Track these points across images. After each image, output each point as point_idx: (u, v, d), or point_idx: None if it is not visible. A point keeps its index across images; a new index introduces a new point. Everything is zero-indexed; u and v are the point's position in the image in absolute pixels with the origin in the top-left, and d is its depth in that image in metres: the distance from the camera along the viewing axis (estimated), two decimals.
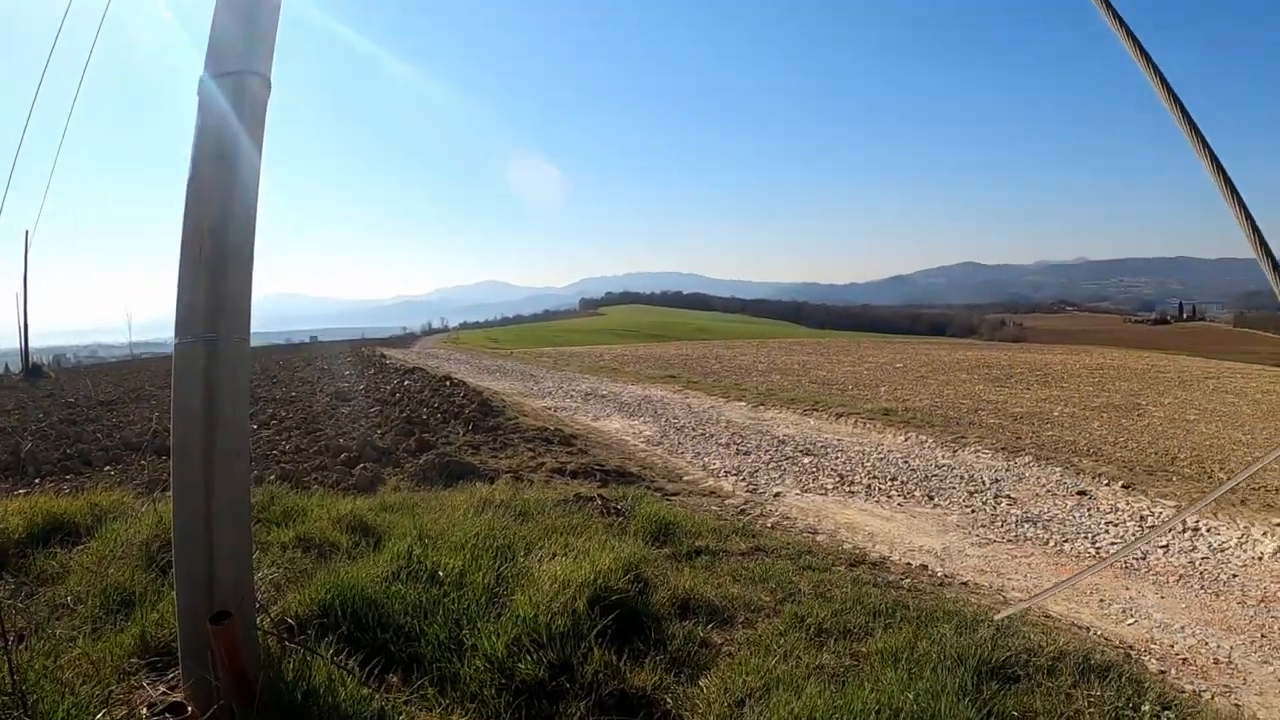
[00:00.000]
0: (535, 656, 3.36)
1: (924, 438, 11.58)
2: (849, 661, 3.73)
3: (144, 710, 2.77)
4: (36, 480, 8.74)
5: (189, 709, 2.71)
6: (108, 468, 9.51)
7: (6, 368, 40.48)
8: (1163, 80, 1.76)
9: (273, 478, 7.81)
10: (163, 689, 2.98)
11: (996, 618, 3.87)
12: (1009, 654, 3.75)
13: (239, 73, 2.83)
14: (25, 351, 32.72)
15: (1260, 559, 6.36)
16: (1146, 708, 3.44)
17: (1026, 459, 9.87)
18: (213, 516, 2.79)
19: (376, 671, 3.28)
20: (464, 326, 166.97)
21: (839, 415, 13.85)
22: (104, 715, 2.79)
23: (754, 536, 6.30)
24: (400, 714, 2.97)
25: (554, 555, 4.63)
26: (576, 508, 6.53)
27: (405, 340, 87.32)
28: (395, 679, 3.30)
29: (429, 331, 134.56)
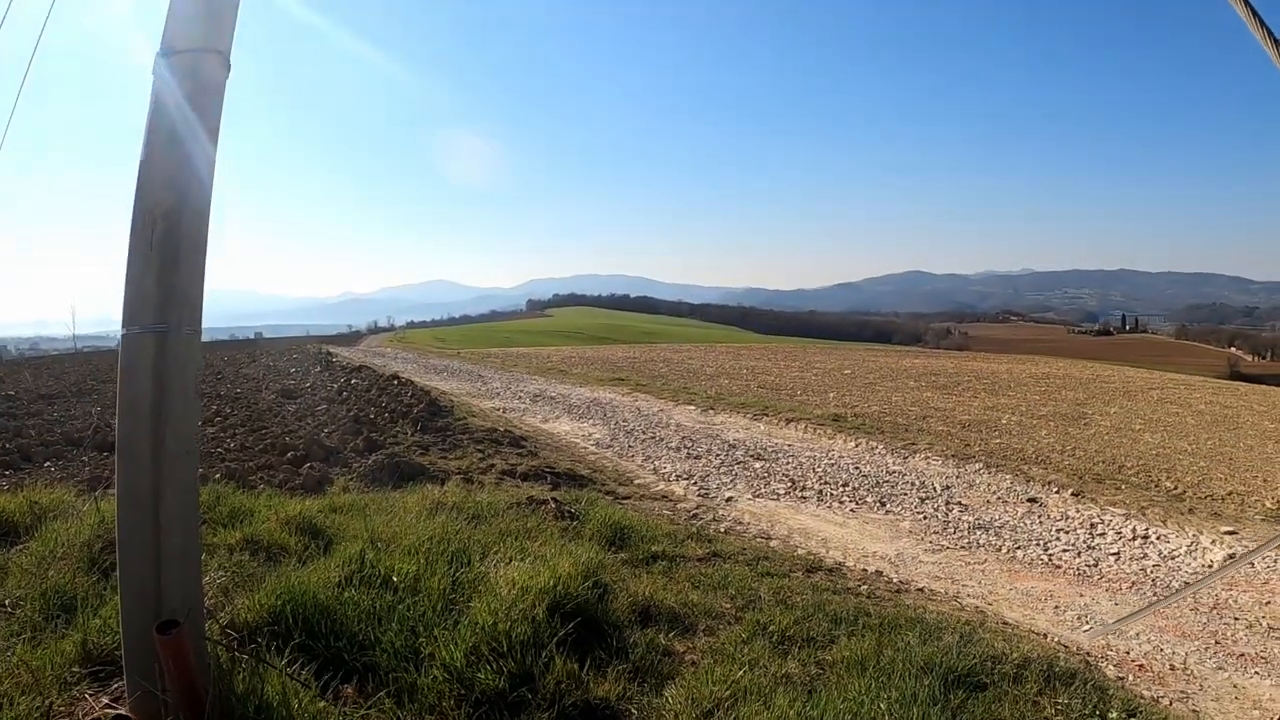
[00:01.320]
0: (495, 666, 3.23)
1: (874, 444, 11.67)
2: (815, 670, 3.69)
3: None
4: (9, 471, 8.43)
5: None
6: (48, 463, 9.25)
7: None
8: None
9: (218, 476, 7.57)
10: (106, 701, 2.81)
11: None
12: (974, 661, 3.73)
13: (196, 50, 2.68)
14: None
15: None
16: (1114, 715, 3.44)
17: (977, 466, 9.99)
18: (160, 519, 2.64)
19: (331, 682, 3.14)
20: (411, 326, 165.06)
21: (789, 420, 13.92)
22: None
23: (710, 542, 6.26)
24: None
25: (510, 560, 4.53)
26: (530, 511, 6.44)
27: (352, 339, 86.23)
28: (350, 690, 3.14)
29: (375, 330, 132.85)
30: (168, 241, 2.65)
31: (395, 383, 19.69)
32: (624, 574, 4.93)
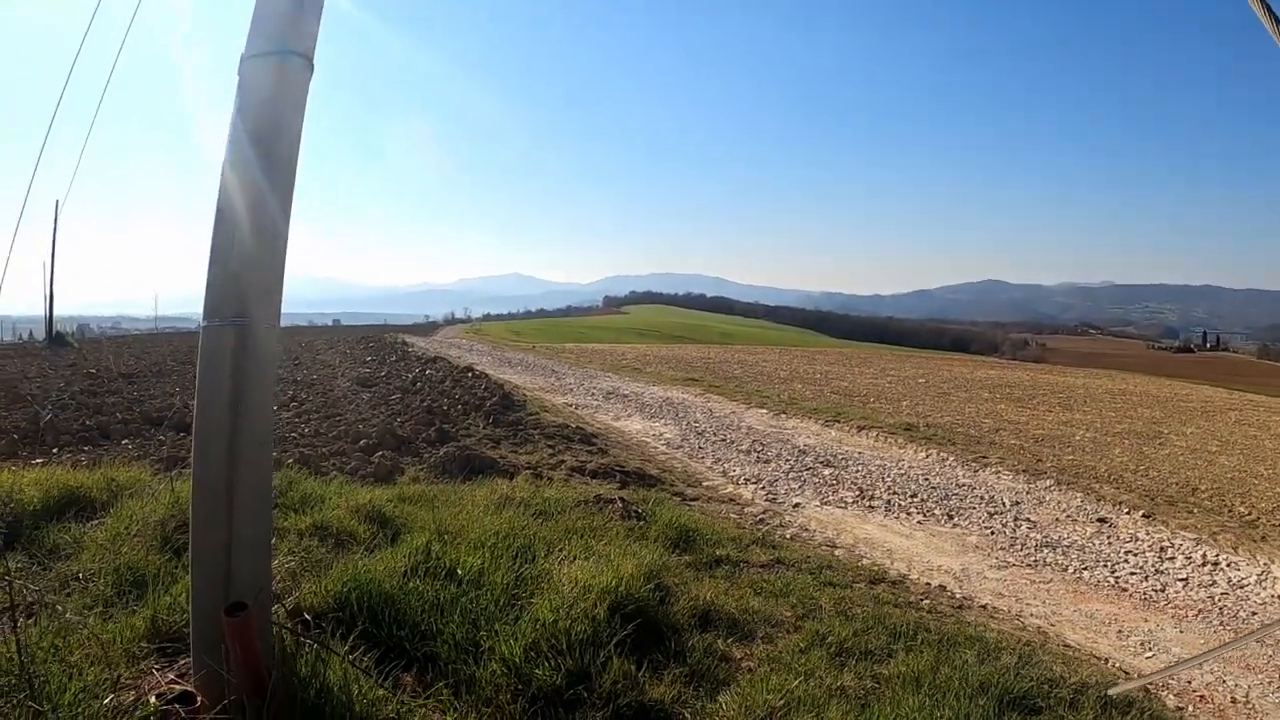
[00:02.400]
0: (553, 663, 3.29)
1: (945, 455, 11.51)
2: (870, 684, 3.65)
3: (152, 698, 2.70)
4: (54, 450, 8.74)
5: (199, 700, 2.66)
6: (126, 441, 9.51)
7: (31, 335, 41.01)
8: None
9: (291, 461, 7.76)
10: (172, 676, 2.91)
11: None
12: (1031, 684, 3.66)
13: (281, 53, 2.75)
14: (50, 320, 33.15)
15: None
16: None
17: (1048, 482, 9.78)
18: (234, 507, 2.72)
19: (392, 670, 3.23)
20: (487, 318, 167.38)
21: (860, 428, 13.80)
22: (111, 700, 2.72)
23: (774, 548, 6.22)
24: (415, 717, 2.90)
25: (574, 558, 4.59)
26: (597, 509, 6.48)
27: (428, 329, 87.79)
28: (410, 679, 3.23)
29: (451, 321, 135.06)
30: (249, 239, 2.73)
31: (469, 375, 19.97)
32: (686, 577, 4.94)
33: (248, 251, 2.74)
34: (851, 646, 4.08)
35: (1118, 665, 4.76)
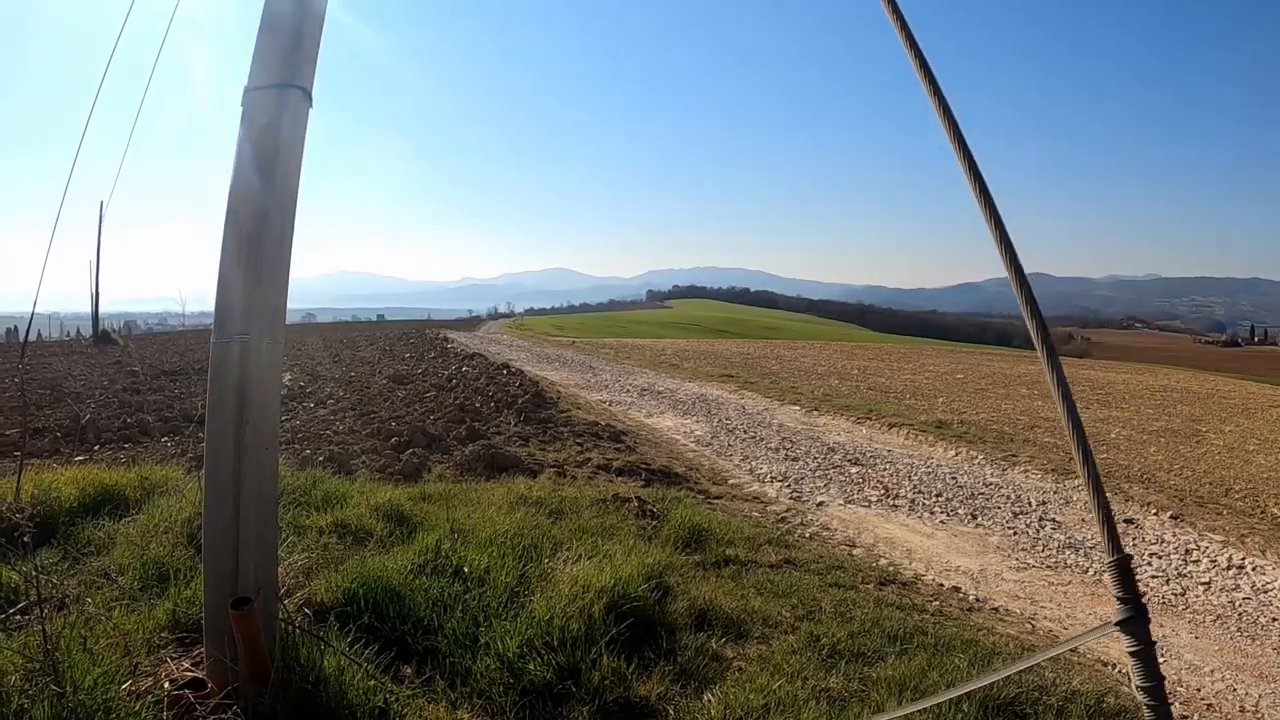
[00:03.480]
0: (545, 659, 3.44)
1: (975, 454, 11.43)
2: (857, 686, 3.70)
3: (166, 684, 2.91)
4: (96, 447, 9.03)
5: (209, 686, 2.86)
6: (165, 439, 9.78)
7: (78, 332, 42.08)
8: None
9: (321, 459, 8.01)
10: (187, 664, 3.10)
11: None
12: (1020, 690, 3.67)
13: (281, 85, 2.93)
14: (96, 318, 34.01)
15: None
16: None
17: (1077, 482, 9.61)
18: (240, 508, 2.91)
19: (394, 661, 3.42)
20: (530, 312, 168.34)
21: (891, 425, 13.74)
22: (130, 685, 2.93)
23: (788, 548, 6.28)
24: (406, 706, 3.07)
25: (580, 558, 4.72)
26: (614, 508, 6.59)
27: (471, 324, 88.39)
28: (410, 670, 3.42)
29: (495, 316, 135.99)
30: (253, 261, 2.92)
31: (505, 372, 20.18)
32: (691, 576, 5.03)
33: (251, 274, 2.92)
34: (845, 648, 4.12)
35: (1124, 670, 4.62)
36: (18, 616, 3.51)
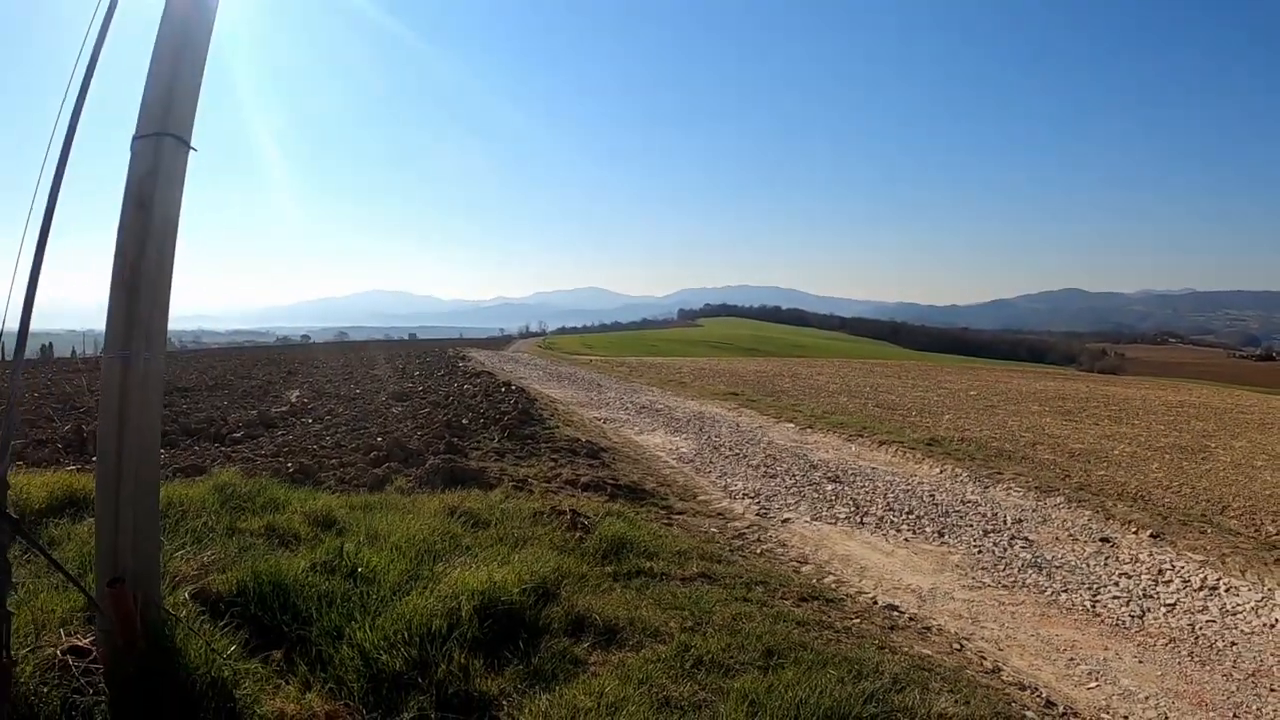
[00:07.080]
0: (400, 652, 3.71)
1: (959, 471, 11.41)
2: (704, 696, 3.74)
3: (57, 651, 3.33)
4: (94, 458, 9.50)
5: (93, 653, 3.30)
6: (160, 451, 10.22)
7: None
8: None
9: (291, 469, 8.33)
10: (91, 639, 3.50)
11: None
12: (880, 712, 3.66)
13: (159, 135, 3.34)
14: None
15: (1273, 626, 5.91)
16: None
17: (1058, 499, 9.64)
18: (120, 500, 3.29)
19: (263, 646, 3.80)
20: (561, 331, 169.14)
21: (882, 442, 13.72)
22: (29, 651, 3.31)
23: (719, 562, 6.28)
24: (260, 684, 3.45)
25: (478, 564, 4.96)
26: (547, 520, 6.72)
27: (502, 342, 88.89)
28: (279, 655, 3.78)
29: (526, 335, 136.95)
30: (134, 287, 3.30)
31: (503, 390, 20.46)
32: (591, 585, 5.16)
33: (132, 299, 3.31)
34: (712, 660, 4.12)
35: (1044, 696, 4.58)
36: None
